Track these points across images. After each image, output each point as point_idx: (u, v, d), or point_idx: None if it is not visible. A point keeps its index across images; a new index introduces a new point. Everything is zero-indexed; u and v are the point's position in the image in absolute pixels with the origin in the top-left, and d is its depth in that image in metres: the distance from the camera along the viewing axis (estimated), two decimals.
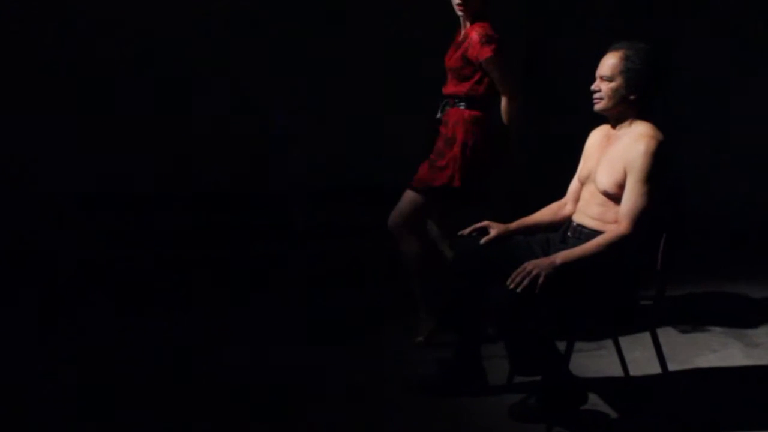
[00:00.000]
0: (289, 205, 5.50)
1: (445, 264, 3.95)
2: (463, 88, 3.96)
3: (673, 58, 5.40)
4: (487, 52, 3.87)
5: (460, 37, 4.01)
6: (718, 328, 4.36)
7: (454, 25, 4.07)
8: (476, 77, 3.94)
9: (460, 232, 3.52)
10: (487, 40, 3.87)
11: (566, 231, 3.41)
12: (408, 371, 3.77)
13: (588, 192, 3.38)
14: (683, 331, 4.32)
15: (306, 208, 5.51)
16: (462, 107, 3.97)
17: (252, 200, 5.47)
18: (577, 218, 3.40)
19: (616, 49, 3.27)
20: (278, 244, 5.34)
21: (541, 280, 3.03)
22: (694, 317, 4.53)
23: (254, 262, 5.22)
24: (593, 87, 3.30)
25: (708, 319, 4.49)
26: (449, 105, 4.03)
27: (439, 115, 4.07)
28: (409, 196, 4.04)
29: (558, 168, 3.90)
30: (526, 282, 3.02)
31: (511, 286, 3.03)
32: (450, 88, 4.03)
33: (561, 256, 3.11)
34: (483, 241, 3.42)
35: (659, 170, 3.17)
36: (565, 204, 3.56)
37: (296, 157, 5.50)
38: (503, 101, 3.95)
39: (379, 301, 4.73)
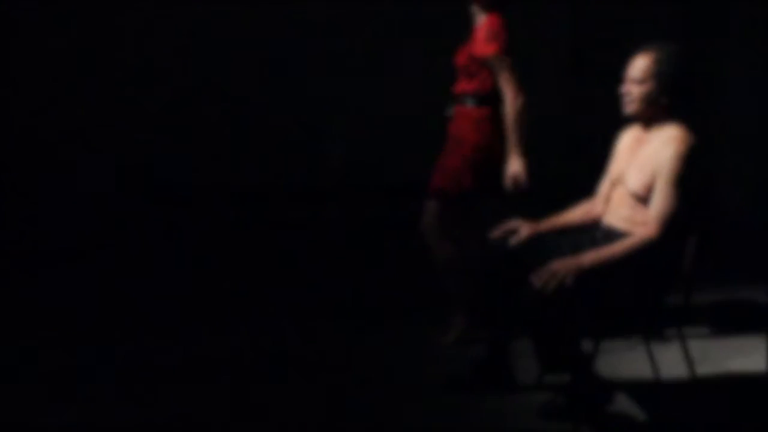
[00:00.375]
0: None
1: (471, 261, 3.98)
2: (472, 85, 3.97)
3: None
4: (490, 49, 3.86)
5: (471, 35, 3.99)
6: (751, 331, 4.33)
7: None
8: (484, 74, 3.93)
9: (491, 234, 3.54)
10: (492, 36, 3.86)
11: (596, 232, 3.42)
12: (437, 369, 3.80)
13: (618, 193, 3.39)
14: (716, 334, 4.30)
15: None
16: (470, 105, 3.98)
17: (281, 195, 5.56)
18: (607, 219, 3.41)
19: (646, 51, 3.27)
20: (306, 237, 5.40)
21: (567, 281, 3.04)
22: (728, 320, 4.50)
23: (282, 252, 5.28)
24: (623, 90, 3.31)
25: (742, 322, 4.46)
26: (458, 102, 4.03)
27: (449, 113, 4.07)
28: (428, 206, 4.07)
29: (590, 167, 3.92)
30: (552, 283, 3.04)
31: (537, 286, 3.05)
32: (459, 86, 4.03)
33: (588, 258, 3.12)
34: (513, 242, 3.44)
35: (689, 173, 3.17)
36: (596, 204, 3.56)
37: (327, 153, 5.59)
38: (507, 100, 3.90)
39: (409, 298, 4.77)
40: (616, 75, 3.37)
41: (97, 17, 5.37)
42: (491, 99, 3.97)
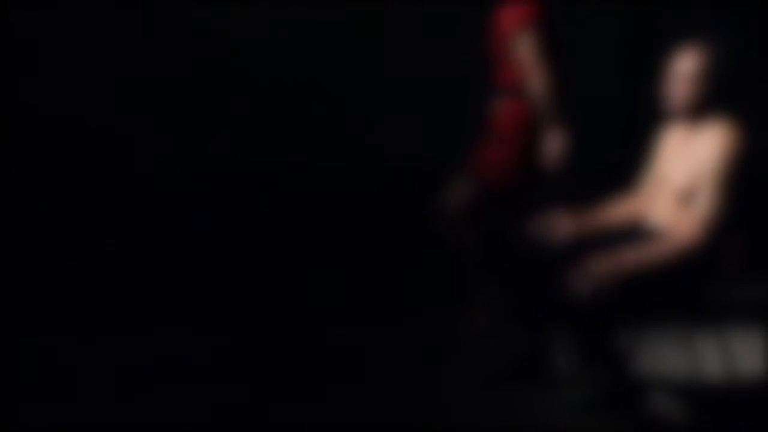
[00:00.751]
0: None
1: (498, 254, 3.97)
2: (510, 76, 3.87)
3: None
4: (517, 28, 3.74)
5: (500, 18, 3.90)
6: None
7: None
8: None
9: (529, 229, 3.51)
10: (523, 16, 3.76)
11: (637, 229, 3.38)
12: (469, 362, 3.81)
13: (661, 191, 3.34)
14: (758, 330, 4.23)
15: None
16: (513, 98, 3.88)
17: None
18: (651, 218, 3.37)
19: (692, 48, 3.20)
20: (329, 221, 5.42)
21: (603, 279, 3.01)
22: None
23: (304, 235, 5.31)
24: (670, 88, 3.24)
25: None
26: (499, 97, 3.95)
27: (489, 108, 3.99)
28: (462, 190, 4.00)
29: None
30: (588, 283, 3.02)
31: (574, 287, 3.03)
32: (497, 78, 3.94)
33: (627, 259, 3.08)
34: (553, 240, 3.40)
35: (736, 172, 3.11)
36: (638, 201, 3.50)
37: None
38: (530, 79, 3.80)
39: (439, 289, 4.75)
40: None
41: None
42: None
